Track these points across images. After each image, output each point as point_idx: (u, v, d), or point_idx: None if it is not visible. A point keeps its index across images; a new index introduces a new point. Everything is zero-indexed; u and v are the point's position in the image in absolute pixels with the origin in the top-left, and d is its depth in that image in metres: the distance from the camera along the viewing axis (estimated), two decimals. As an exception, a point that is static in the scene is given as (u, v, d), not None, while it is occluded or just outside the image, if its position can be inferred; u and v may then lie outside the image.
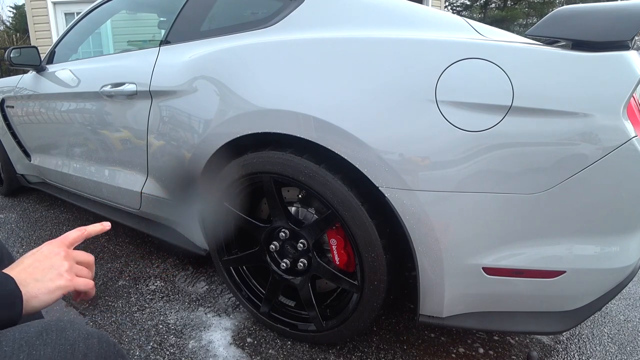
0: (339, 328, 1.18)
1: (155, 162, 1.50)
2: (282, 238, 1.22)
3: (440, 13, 1.15)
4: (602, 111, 0.84)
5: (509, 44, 0.92)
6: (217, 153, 1.24)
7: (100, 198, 1.88)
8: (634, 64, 0.85)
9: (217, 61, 1.28)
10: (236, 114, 1.17)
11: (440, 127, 0.91)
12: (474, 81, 0.90)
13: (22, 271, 0.62)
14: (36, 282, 0.62)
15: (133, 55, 1.69)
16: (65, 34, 2.22)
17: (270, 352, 1.27)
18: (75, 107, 1.85)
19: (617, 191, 0.89)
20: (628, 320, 1.47)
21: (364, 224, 1.02)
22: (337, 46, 1.07)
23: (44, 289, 0.62)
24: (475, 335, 1.36)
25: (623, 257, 0.96)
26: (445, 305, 1.01)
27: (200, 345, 1.29)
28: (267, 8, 1.36)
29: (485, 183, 0.90)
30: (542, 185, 0.88)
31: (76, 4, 7.19)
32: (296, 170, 1.08)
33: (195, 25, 1.53)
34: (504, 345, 1.32)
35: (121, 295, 1.56)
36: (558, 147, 0.86)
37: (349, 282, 1.13)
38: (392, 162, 0.94)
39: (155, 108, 1.45)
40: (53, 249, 0.67)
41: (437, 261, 0.97)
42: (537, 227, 0.92)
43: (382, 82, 0.97)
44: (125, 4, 2.17)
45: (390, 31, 1.07)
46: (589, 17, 0.88)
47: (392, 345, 1.30)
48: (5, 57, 2.09)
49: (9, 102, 2.40)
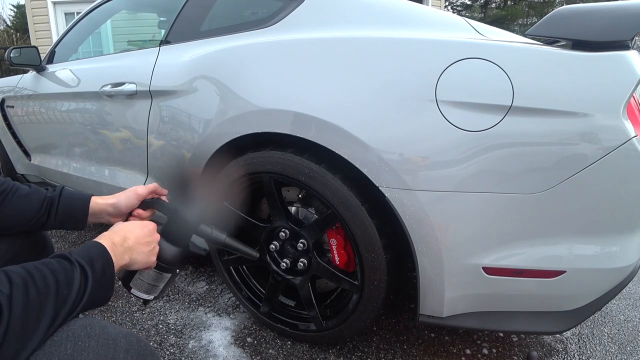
0: (339, 328, 1.18)
1: (156, 162, 1.50)
2: (282, 238, 1.22)
3: (440, 13, 1.15)
4: (602, 111, 0.84)
5: (509, 43, 0.92)
6: (217, 153, 1.24)
7: (100, 198, 1.88)
8: (634, 63, 0.85)
9: (217, 61, 1.28)
10: (236, 114, 1.17)
11: (440, 127, 0.91)
12: (474, 81, 0.90)
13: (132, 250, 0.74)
14: (141, 258, 0.76)
15: (133, 55, 1.69)
16: (65, 33, 2.21)
17: (270, 352, 1.27)
18: (75, 107, 1.85)
19: (617, 191, 0.89)
20: (628, 320, 1.47)
21: (364, 224, 1.02)
22: (337, 46, 1.07)
23: (143, 263, 0.77)
24: (476, 334, 1.36)
25: (623, 257, 0.96)
26: (445, 305, 1.01)
27: (200, 345, 1.29)
28: (267, 8, 1.36)
29: (485, 183, 0.90)
30: (542, 185, 0.88)
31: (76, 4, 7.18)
32: (296, 170, 1.08)
33: (195, 25, 1.53)
34: (504, 345, 1.32)
35: (121, 295, 1.56)
36: (558, 147, 0.86)
37: (349, 282, 1.13)
38: (392, 161, 0.94)
39: (155, 108, 1.45)
40: (153, 232, 0.80)
41: (437, 261, 0.97)
42: (537, 227, 0.92)
43: (382, 82, 0.97)
44: (125, 4, 2.17)
45: (391, 31, 1.07)
46: (589, 17, 0.88)
47: (392, 345, 1.30)
48: (5, 57, 2.09)
49: (9, 102, 2.40)
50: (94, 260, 0.63)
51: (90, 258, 0.63)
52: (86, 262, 0.62)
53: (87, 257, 0.63)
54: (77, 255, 0.62)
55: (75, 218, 0.88)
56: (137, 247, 0.75)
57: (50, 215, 0.85)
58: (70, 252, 0.63)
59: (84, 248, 0.66)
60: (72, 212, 0.87)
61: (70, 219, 0.88)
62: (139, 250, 0.75)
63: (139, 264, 0.77)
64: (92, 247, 0.66)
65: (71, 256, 0.62)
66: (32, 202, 0.84)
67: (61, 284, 0.57)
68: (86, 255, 0.64)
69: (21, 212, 0.83)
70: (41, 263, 0.58)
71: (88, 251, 0.65)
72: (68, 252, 0.63)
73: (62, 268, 0.59)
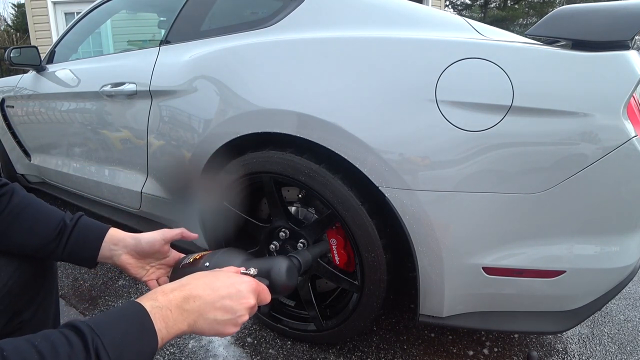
0: (339, 328, 1.18)
1: (156, 161, 1.50)
2: (282, 238, 1.22)
3: (440, 13, 1.15)
4: (602, 111, 0.84)
5: (509, 43, 0.92)
6: (217, 153, 1.24)
7: (100, 198, 1.88)
8: (634, 63, 0.85)
9: (217, 61, 1.28)
10: (236, 114, 1.17)
11: (440, 127, 0.90)
12: (474, 81, 0.90)
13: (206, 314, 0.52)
14: (210, 327, 0.53)
15: (133, 55, 1.69)
16: (65, 33, 2.21)
17: (270, 351, 1.27)
18: (75, 107, 1.85)
19: (617, 191, 0.89)
20: (628, 320, 1.47)
21: (364, 224, 1.02)
22: (337, 46, 1.07)
23: (213, 333, 0.53)
24: (476, 334, 1.36)
25: (623, 257, 0.96)
26: (445, 304, 1.01)
27: (200, 345, 1.29)
28: (267, 8, 1.36)
29: (485, 183, 0.90)
30: (542, 185, 0.88)
31: (76, 4, 7.18)
32: (296, 170, 1.08)
33: (195, 25, 1.53)
34: (504, 345, 1.32)
35: (121, 295, 1.56)
36: (558, 146, 0.86)
37: (349, 281, 1.13)
38: (392, 161, 0.94)
39: (155, 108, 1.45)
40: (249, 295, 0.56)
41: (437, 261, 0.97)
42: (537, 226, 0.92)
43: (382, 82, 0.97)
44: (125, 4, 2.17)
45: (391, 31, 1.07)
46: (589, 16, 0.88)
47: (392, 345, 1.30)
48: (5, 57, 2.09)
49: (9, 102, 2.40)
50: (124, 352, 0.42)
51: (120, 350, 0.42)
52: (109, 356, 0.41)
53: (114, 345, 0.42)
54: (100, 340, 0.41)
55: (89, 246, 0.72)
56: (210, 311, 0.52)
57: (61, 240, 0.70)
58: (91, 328, 0.42)
59: (115, 318, 0.45)
60: (85, 239, 0.72)
61: (83, 247, 0.72)
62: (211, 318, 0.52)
63: (206, 334, 0.54)
64: (128, 321, 0.45)
65: (90, 341, 0.41)
66: (48, 221, 0.70)
67: None
68: (114, 339, 0.42)
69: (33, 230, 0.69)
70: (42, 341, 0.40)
71: (121, 328, 0.43)
72: (89, 327, 0.42)
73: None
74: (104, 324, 0.43)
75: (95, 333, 0.42)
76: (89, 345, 0.40)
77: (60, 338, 0.40)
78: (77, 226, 0.72)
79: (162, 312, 0.47)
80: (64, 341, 0.40)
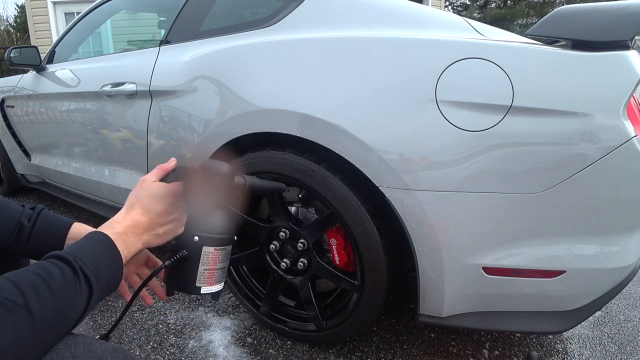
0: (339, 328, 1.18)
1: (156, 161, 1.50)
2: (282, 238, 1.22)
3: (440, 13, 1.15)
4: (602, 111, 0.84)
5: (509, 43, 0.92)
6: (217, 153, 1.24)
7: (100, 198, 1.88)
8: (634, 63, 0.85)
9: (217, 61, 1.28)
10: (236, 114, 1.17)
11: (440, 127, 0.90)
12: (474, 81, 0.90)
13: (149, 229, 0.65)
14: (159, 239, 0.67)
15: (133, 55, 1.69)
16: (65, 33, 2.22)
17: (270, 351, 1.27)
18: (75, 107, 1.85)
19: (617, 191, 0.89)
20: (628, 320, 1.47)
21: (364, 224, 1.02)
22: (337, 46, 1.07)
23: (165, 240, 0.67)
24: (476, 334, 1.36)
25: (623, 257, 0.96)
26: (445, 304, 1.01)
27: (200, 345, 1.29)
28: (267, 8, 1.36)
29: (485, 183, 0.90)
30: (542, 185, 0.88)
31: (76, 4, 7.18)
32: (296, 170, 1.08)
33: (195, 25, 1.53)
34: (504, 345, 1.32)
35: (121, 295, 1.56)
36: (558, 146, 0.86)
37: (349, 281, 1.13)
38: (392, 161, 0.94)
39: (155, 108, 1.45)
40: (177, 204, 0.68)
41: (437, 261, 0.97)
42: (537, 226, 0.92)
43: (382, 82, 0.97)
44: (125, 4, 2.17)
45: (390, 31, 1.07)
46: (589, 16, 0.88)
47: (392, 345, 1.30)
48: (5, 56, 2.09)
49: (9, 102, 2.40)
50: (101, 267, 0.54)
51: (97, 266, 0.54)
52: (92, 272, 0.53)
53: (93, 263, 0.54)
54: (82, 261, 0.53)
55: (50, 245, 0.71)
56: (153, 229, 0.65)
57: (20, 241, 0.70)
58: (73, 255, 0.53)
59: (88, 246, 0.56)
60: (47, 235, 0.72)
61: (44, 244, 0.72)
62: (155, 233, 0.66)
63: (161, 244, 0.67)
64: (98, 246, 0.57)
65: (75, 262, 0.52)
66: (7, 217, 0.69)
67: (60, 301, 0.49)
68: (92, 259, 0.54)
69: None
70: (37, 269, 0.50)
71: (94, 251, 0.56)
72: (71, 254, 0.53)
73: (64, 281, 0.50)
74: (81, 249, 0.55)
75: (75, 257, 0.53)
76: (74, 265, 0.52)
77: (50, 264, 0.51)
78: (36, 225, 0.71)
79: (122, 237, 0.60)
80: (54, 266, 0.51)
